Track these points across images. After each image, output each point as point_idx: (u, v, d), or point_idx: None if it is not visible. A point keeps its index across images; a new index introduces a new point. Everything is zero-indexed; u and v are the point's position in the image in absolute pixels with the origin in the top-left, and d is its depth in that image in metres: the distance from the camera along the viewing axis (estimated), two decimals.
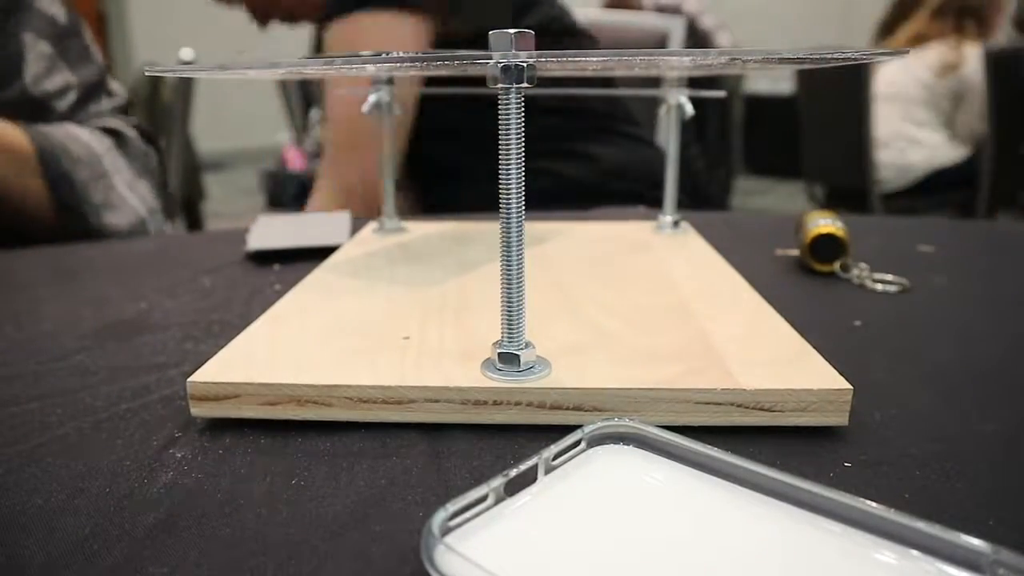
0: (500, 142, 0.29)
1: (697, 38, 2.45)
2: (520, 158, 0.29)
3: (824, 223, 0.52)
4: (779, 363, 0.32)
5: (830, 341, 0.35)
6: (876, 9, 2.42)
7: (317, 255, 0.53)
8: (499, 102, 0.29)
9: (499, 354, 0.31)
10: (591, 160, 0.93)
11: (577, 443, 0.26)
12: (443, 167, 0.96)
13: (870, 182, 2.20)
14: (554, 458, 0.25)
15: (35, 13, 0.83)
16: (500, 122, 0.28)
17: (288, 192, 3.43)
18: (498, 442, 0.29)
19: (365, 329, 0.36)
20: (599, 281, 0.44)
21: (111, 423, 0.32)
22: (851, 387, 0.29)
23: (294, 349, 0.34)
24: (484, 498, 0.22)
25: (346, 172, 0.88)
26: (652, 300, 0.41)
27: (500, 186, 0.29)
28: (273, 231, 0.62)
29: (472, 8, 0.86)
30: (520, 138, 0.29)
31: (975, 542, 0.20)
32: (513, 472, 0.23)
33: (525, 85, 0.28)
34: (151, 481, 0.27)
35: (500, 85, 0.28)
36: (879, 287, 0.49)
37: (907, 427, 0.30)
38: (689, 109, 0.55)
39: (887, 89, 2.13)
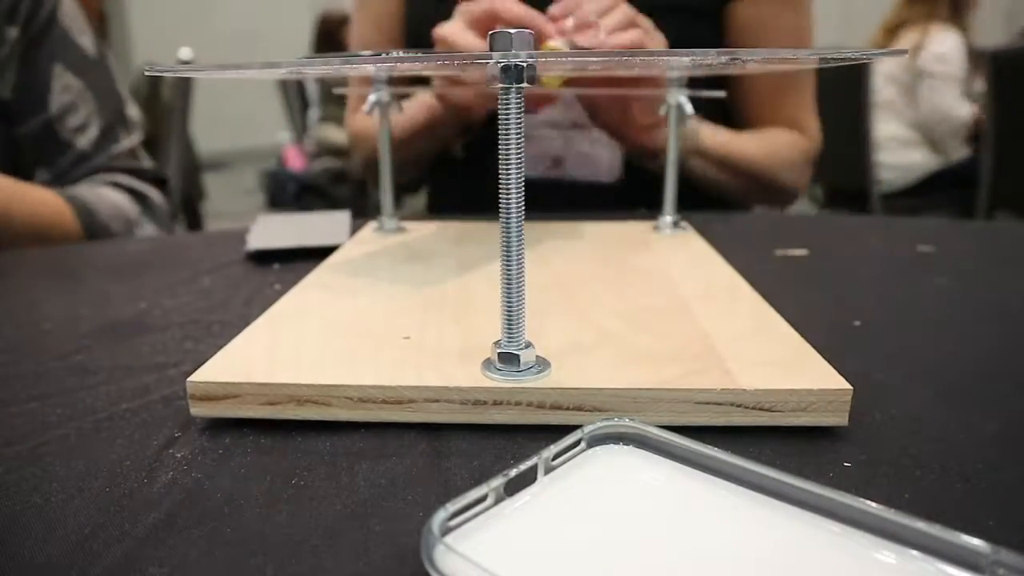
0: (500, 142, 0.29)
1: None
2: (520, 158, 0.29)
3: None
4: (779, 363, 0.32)
5: (830, 341, 0.35)
6: (876, 8, 2.42)
7: (317, 255, 0.53)
8: (499, 102, 0.28)
9: (499, 354, 0.31)
10: None
11: (577, 443, 0.26)
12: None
13: (870, 182, 2.19)
14: (554, 458, 0.25)
15: (66, 43, 0.83)
16: (500, 122, 0.28)
17: (288, 192, 3.44)
18: (498, 442, 0.29)
19: (365, 329, 0.36)
20: (599, 281, 0.44)
21: (111, 423, 0.32)
22: (851, 387, 0.29)
23: (294, 349, 0.34)
24: (484, 498, 0.22)
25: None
26: (652, 300, 0.41)
27: (500, 186, 0.29)
28: (273, 231, 0.62)
29: None
30: (520, 138, 0.29)
31: (975, 542, 0.20)
32: (513, 472, 0.23)
33: (525, 85, 0.28)
34: (151, 481, 0.27)
35: (500, 85, 0.28)
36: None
37: (907, 427, 0.30)
38: (689, 109, 0.55)
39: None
